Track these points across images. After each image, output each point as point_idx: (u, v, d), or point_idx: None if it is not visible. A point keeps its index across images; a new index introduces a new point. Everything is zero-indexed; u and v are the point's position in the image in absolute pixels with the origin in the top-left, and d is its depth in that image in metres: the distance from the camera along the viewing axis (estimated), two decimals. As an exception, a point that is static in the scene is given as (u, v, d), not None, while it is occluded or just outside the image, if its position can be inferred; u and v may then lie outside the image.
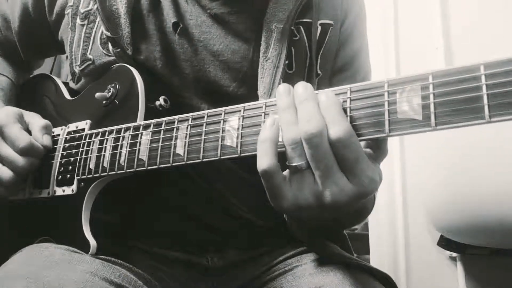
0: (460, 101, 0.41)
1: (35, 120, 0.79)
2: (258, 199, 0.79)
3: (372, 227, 1.76)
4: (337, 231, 0.88)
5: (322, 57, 0.81)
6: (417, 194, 1.65)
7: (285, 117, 0.51)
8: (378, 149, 0.53)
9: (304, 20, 0.79)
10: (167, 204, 0.77)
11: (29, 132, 0.78)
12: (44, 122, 0.79)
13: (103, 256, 0.67)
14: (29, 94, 0.96)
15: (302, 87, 0.52)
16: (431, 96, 0.42)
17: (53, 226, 0.77)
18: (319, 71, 0.81)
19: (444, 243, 1.51)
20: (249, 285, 0.79)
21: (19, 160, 0.74)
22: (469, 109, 0.40)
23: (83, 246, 0.68)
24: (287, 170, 0.52)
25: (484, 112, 0.39)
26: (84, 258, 0.66)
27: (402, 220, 1.67)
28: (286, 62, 0.76)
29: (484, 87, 0.40)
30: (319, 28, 0.81)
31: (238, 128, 0.56)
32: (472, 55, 1.57)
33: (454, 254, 1.55)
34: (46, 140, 0.77)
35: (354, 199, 0.49)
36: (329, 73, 0.83)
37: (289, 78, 0.77)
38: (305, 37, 0.79)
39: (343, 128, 0.47)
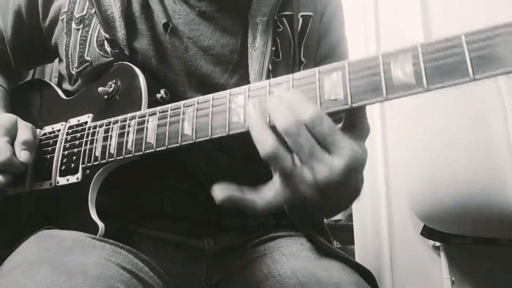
0: (447, 64, 0.46)
1: (19, 135, 0.79)
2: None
3: (356, 218, 1.78)
4: (323, 220, 0.93)
5: (305, 46, 0.88)
6: (400, 184, 1.67)
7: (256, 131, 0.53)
8: (353, 127, 0.55)
9: (286, 13, 0.87)
10: (163, 187, 0.81)
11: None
12: (26, 136, 0.78)
13: (111, 240, 0.70)
14: (24, 98, 0.97)
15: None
16: (421, 62, 0.48)
17: (55, 216, 0.78)
18: (303, 59, 0.88)
19: (428, 232, 1.54)
20: (233, 265, 0.83)
21: None
22: (455, 70, 0.46)
23: (90, 230, 0.71)
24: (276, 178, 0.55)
25: (469, 71, 0.45)
26: (95, 243, 0.68)
27: (386, 211, 1.69)
28: (273, 48, 0.82)
29: (466, 51, 0.46)
30: (300, 19, 0.88)
31: (244, 106, 0.59)
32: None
33: (437, 243, 1.57)
34: (24, 157, 0.76)
35: (347, 173, 0.50)
36: (313, 62, 0.90)
37: (277, 65, 0.84)
38: (288, 28, 0.86)
39: (312, 108, 0.51)
